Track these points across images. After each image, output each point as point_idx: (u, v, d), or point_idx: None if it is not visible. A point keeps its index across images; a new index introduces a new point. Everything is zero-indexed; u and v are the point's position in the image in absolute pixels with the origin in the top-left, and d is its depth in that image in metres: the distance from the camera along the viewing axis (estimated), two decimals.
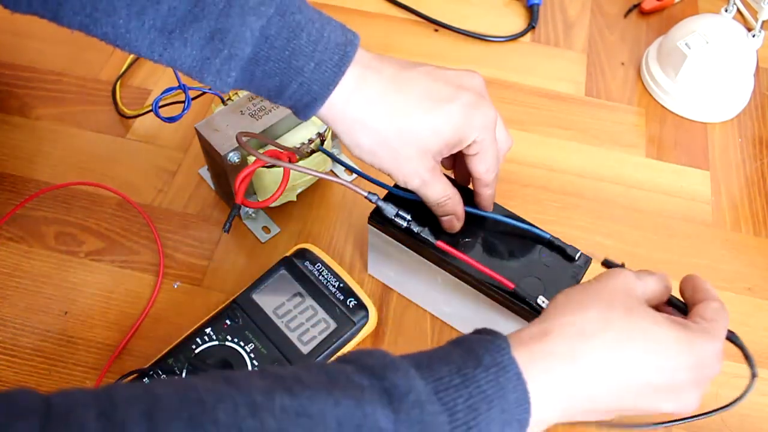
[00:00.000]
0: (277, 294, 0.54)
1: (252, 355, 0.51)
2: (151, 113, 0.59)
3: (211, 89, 0.58)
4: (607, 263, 0.46)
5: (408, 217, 0.48)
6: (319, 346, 0.52)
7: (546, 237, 0.49)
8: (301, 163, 0.55)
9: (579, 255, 0.48)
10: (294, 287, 0.54)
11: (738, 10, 0.73)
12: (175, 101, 0.62)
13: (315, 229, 0.62)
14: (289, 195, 0.60)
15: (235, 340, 0.52)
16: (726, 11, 0.70)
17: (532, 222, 0.49)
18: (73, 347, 0.54)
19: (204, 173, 0.64)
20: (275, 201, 0.53)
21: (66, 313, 0.56)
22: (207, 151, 0.57)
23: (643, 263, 0.61)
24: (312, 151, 0.57)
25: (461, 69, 0.47)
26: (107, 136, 0.67)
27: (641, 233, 0.63)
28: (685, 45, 0.68)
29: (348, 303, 0.54)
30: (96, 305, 0.56)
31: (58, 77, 0.71)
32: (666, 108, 0.72)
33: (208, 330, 0.52)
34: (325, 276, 0.55)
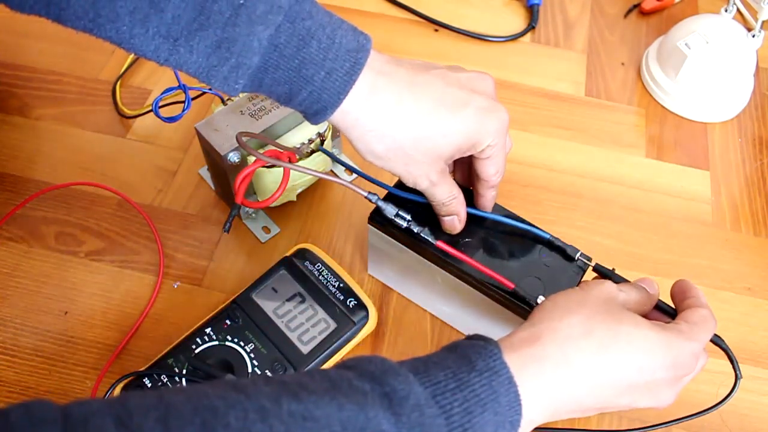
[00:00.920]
0: (277, 294, 0.54)
1: (252, 355, 0.51)
2: (151, 113, 0.59)
3: (211, 90, 0.58)
4: (598, 269, 0.47)
5: (408, 217, 0.48)
6: (319, 346, 0.52)
7: (546, 237, 0.49)
8: (301, 163, 0.55)
9: (579, 255, 0.48)
10: (294, 287, 0.54)
11: (738, 10, 0.73)
12: (175, 101, 0.62)
13: (315, 229, 0.62)
14: (289, 195, 0.60)
15: (235, 340, 0.52)
16: (726, 11, 0.70)
17: (532, 222, 0.49)
18: (73, 347, 0.54)
19: (204, 173, 0.64)
20: (275, 201, 0.53)
21: (66, 313, 0.56)
22: (207, 151, 0.57)
23: (643, 263, 0.61)
24: (312, 151, 0.57)
25: (473, 71, 0.46)
26: (107, 136, 0.67)
27: (641, 233, 0.63)
28: (685, 45, 0.68)
29: (348, 303, 0.54)
30: (96, 305, 0.56)
31: (58, 77, 0.71)
32: (666, 108, 0.72)
33: (208, 330, 0.52)
34: (325, 276, 0.55)
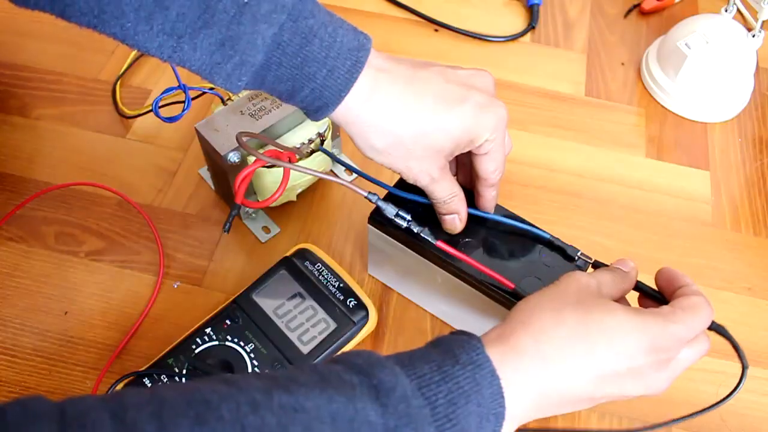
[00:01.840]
0: (277, 294, 0.54)
1: (252, 355, 0.51)
2: (151, 113, 0.59)
3: (211, 90, 0.58)
4: (597, 266, 0.47)
5: (408, 217, 0.48)
6: (319, 346, 0.52)
7: (546, 237, 0.49)
8: (301, 163, 0.55)
9: (579, 255, 0.48)
10: (294, 287, 0.54)
11: (738, 10, 0.73)
12: (175, 101, 0.62)
13: (315, 229, 0.62)
14: (289, 195, 0.60)
15: (235, 340, 0.52)
16: (726, 11, 0.70)
17: (532, 222, 0.49)
18: (73, 347, 0.54)
19: (204, 173, 0.64)
20: (275, 201, 0.53)
21: (66, 313, 0.56)
22: (207, 151, 0.57)
23: (643, 263, 0.61)
24: (312, 151, 0.57)
25: (472, 68, 0.47)
26: (107, 136, 0.67)
27: (641, 233, 0.63)
28: (685, 45, 0.68)
29: (348, 303, 0.54)
30: (96, 305, 0.56)
31: (58, 77, 0.71)
32: (666, 108, 0.72)
33: (208, 330, 0.52)
34: (325, 276, 0.55)
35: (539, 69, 0.75)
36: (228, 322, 0.53)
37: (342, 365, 0.35)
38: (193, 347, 0.51)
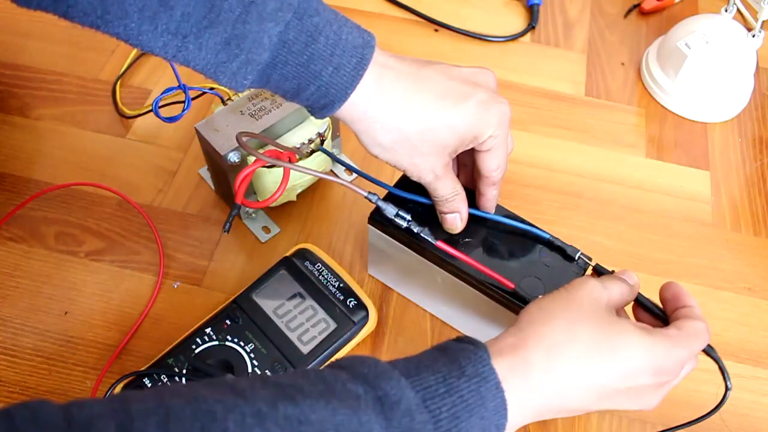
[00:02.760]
0: (277, 294, 0.54)
1: (252, 355, 0.51)
2: (151, 113, 0.59)
3: (211, 90, 0.58)
4: (598, 269, 0.46)
5: (408, 217, 0.48)
6: (319, 346, 0.52)
7: (546, 237, 0.49)
8: (301, 163, 0.55)
9: (579, 255, 0.48)
10: (294, 287, 0.54)
11: (738, 10, 0.73)
12: (175, 101, 0.62)
13: (315, 229, 0.62)
14: (289, 195, 0.60)
15: (235, 340, 0.52)
16: (726, 11, 0.70)
17: (532, 222, 0.49)
18: (73, 347, 0.54)
19: (204, 173, 0.64)
20: (275, 201, 0.53)
21: (66, 313, 0.56)
22: (207, 151, 0.57)
23: (643, 263, 0.61)
24: (312, 151, 0.57)
25: (474, 66, 0.47)
26: (107, 136, 0.67)
27: (641, 233, 0.63)
28: (685, 45, 0.68)
29: (348, 303, 0.54)
30: (96, 305, 0.56)
31: (58, 77, 0.71)
32: (666, 108, 0.72)
33: (208, 330, 0.52)
34: (325, 276, 0.55)
35: (539, 69, 0.75)
36: (228, 322, 0.53)
37: (348, 373, 0.35)
38: (193, 347, 0.51)
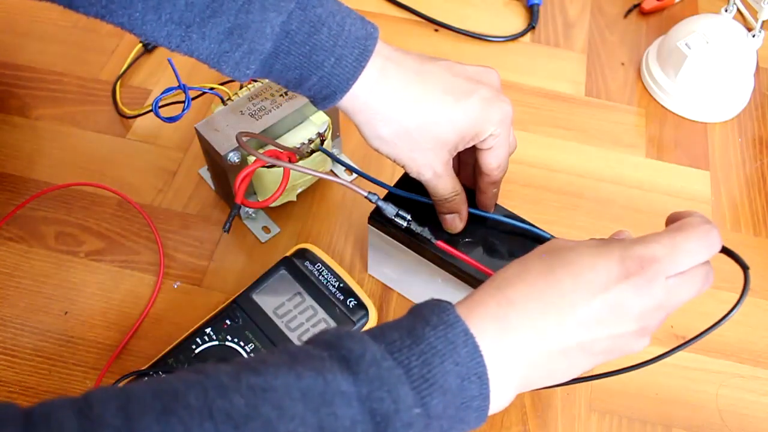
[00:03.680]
0: (277, 294, 0.54)
1: (252, 355, 0.51)
2: (151, 113, 0.59)
3: (211, 90, 0.58)
4: None
5: (408, 217, 0.48)
6: None
7: (546, 237, 0.49)
8: (301, 163, 0.55)
9: None
10: (294, 287, 0.54)
11: (738, 10, 0.73)
12: (175, 101, 0.62)
13: (315, 229, 0.62)
14: (289, 195, 0.60)
15: (235, 340, 0.52)
16: (726, 11, 0.70)
17: (532, 222, 0.49)
18: (73, 347, 0.54)
19: (204, 173, 0.64)
20: (275, 201, 0.53)
21: (66, 313, 0.56)
22: (207, 151, 0.57)
23: None
24: (312, 151, 0.57)
25: (478, 65, 0.47)
26: (107, 136, 0.67)
27: (641, 233, 0.62)
28: (685, 45, 0.68)
29: (348, 303, 0.54)
30: (96, 305, 0.56)
31: (58, 77, 0.71)
32: (666, 108, 0.72)
33: (208, 330, 0.52)
34: (325, 276, 0.55)
35: (539, 69, 0.75)
36: (228, 322, 0.53)
37: (312, 344, 0.34)
38: (193, 347, 0.51)
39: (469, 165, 0.50)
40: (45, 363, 0.53)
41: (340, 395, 0.31)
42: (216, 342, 0.52)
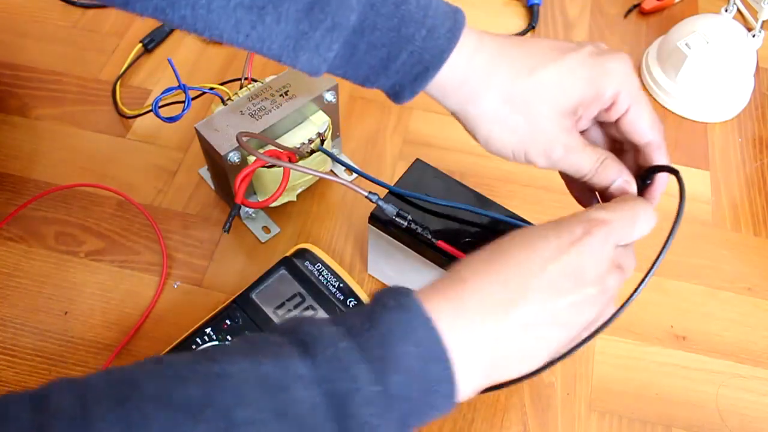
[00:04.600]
0: (277, 294, 0.54)
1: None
2: (151, 113, 0.59)
3: (211, 90, 0.58)
4: None
5: (408, 217, 0.48)
6: None
7: None
8: (301, 163, 0.55)
9: None
10: (294, 287, 0.54)
11: (738, 10, 0.73)
12: (175, 101, 0.62)
13: (315, 229, 0.62)
14: (289, 195, 0.60)
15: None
16: (726, 11, 0.70)
17: (533, 222, 0.49)
18: (73, 347, 0.54)
19: (204, 173, 0.64)
20: (275, 201, 0.53)
21: (66, 313, 0.56)
22: (207, 151, 0.57)
23: (643, 263, 0.61)
24: (312, 151, 0.57)
25: None
26: (107, 136, 0.67)
27: None
28: (685, 45, 0.68)
29: (348, 303, 0.54)
30: (96, 305, 0.56)
31: (58, 77, 0.71)
32: (666, 108, 0.72)
33: (208, 330, 0.52)
34: (325, 276, 0.55)
35: None
36: (228, 322, 0.53)
37: (271, 332, 0.34)
38: (193, 347, 0.51)
39: (628, 153, 0.45)
40: (45, 363, 0.53)
41: (298, 379, 0.30)
42: (216, 342, 0.52)
